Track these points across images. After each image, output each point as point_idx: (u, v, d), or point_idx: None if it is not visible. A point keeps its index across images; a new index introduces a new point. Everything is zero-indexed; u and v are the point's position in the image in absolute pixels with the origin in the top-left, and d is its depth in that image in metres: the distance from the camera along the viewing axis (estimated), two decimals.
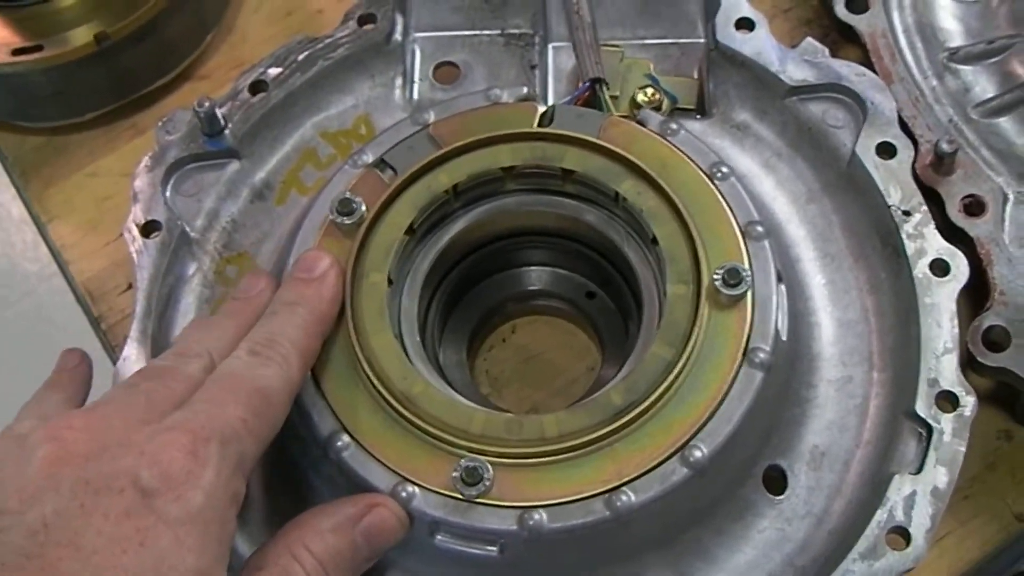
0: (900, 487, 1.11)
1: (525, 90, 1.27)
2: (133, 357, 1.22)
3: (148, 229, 1.28)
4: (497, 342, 1.36)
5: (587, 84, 1.30)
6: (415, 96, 1.38)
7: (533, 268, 1.35)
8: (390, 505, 1.05)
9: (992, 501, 1.27)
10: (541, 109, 1.23)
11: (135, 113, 1.55)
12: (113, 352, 1.38)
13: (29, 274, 1.51)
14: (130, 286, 1.25)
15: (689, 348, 1.09)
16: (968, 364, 1.21)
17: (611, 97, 1.31)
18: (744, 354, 1.10)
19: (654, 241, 1.16)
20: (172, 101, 1.54)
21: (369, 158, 1.21)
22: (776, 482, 1.16)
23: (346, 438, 1.09)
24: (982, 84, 1.37)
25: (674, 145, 1.21)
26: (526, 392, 1.32)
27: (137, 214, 1.28)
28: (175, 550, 0.87)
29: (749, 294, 1.12)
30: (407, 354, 1.16)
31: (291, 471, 1.16)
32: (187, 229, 1.29)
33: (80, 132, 1.55)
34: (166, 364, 1.03)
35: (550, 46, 1.38)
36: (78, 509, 0.87)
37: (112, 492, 0.88)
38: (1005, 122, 1.35)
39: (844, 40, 1.43)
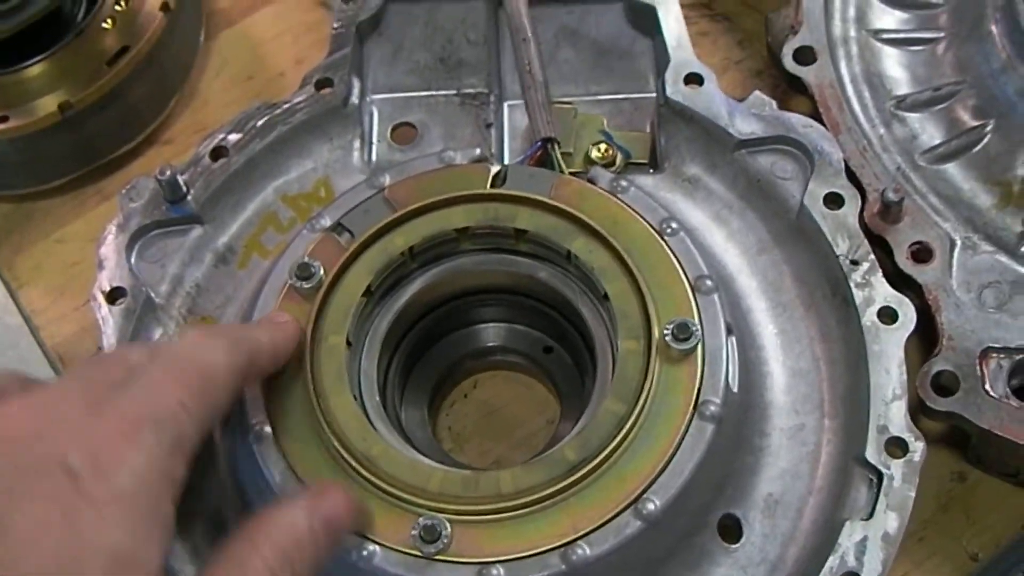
0: (851, 533, 1.13)
1: (478, 151, 1.29)
2: None
3: (113, 296, 1.29)
4: (459, 397, 1.38)
5: (539, 143, 1.32)
6: (373, 158, 1.40)
7: (490, 325, 1.37)
8: (340, 491, 1.05)
9: (946, 542, 1.28)
10: (494, 169, 1.25)
11: (101, 179, 1.57)
12: None
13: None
14: (100, 350, 1.26)
15: (641, 403, 1.11)
16: (919, 408, 1.22)
17: (565, 154, 1.33)
18: (695, 407, 1.12)
19: (605, 297, 1.18)
20: (138, 166, 1.56)
21: (327, 222, 1.23)
22: (731, 530, 1.18)
23: None
24: (929, 131, 1.39)
25: (624, 202, 1.23)
26: (487, 446, 1.34)
27: (102, 281, 1.30)
28: (99, 529, 0.86)
29: (699, 348, 1.14)
30: (367, 415, 1.17)
31: None
32: (152, 295, 1.30)
33: (47, 199, 1.57)
34: (110, 353, 1.04)
35: (505, 104, 1.42)
36: (6, 493, 0.86)
37: (40, 476, 0.87)
38: (952, 168, 1.37)
39: (794, 91, 1.44)
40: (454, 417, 1.37)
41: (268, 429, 1.14)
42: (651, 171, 1.37)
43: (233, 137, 1.38)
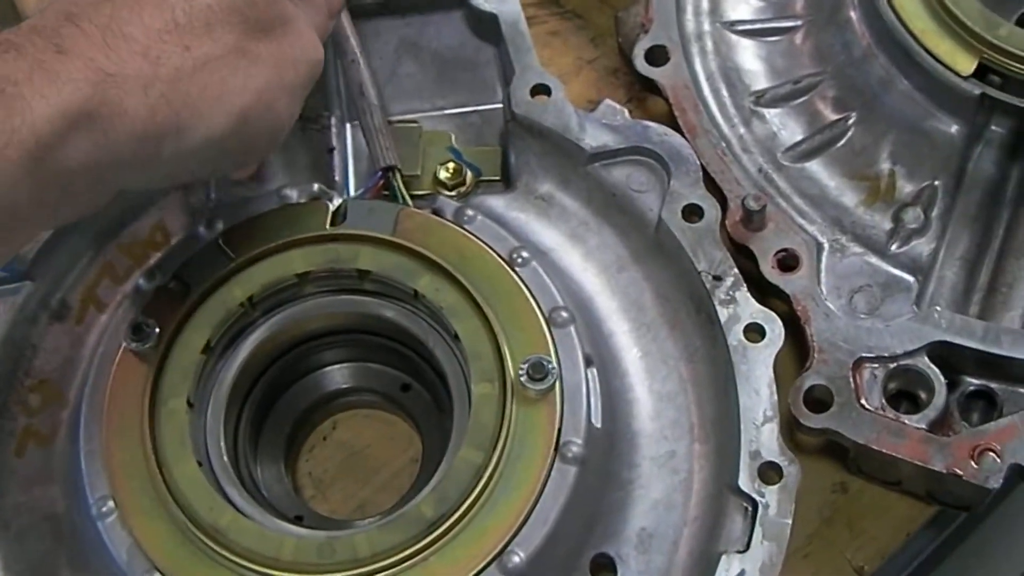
0: (728, 567, 1.08)
1: (316, 187, 1.23)
2: None
3: None
4: (318, 441, 1.32)
5: (379, 174, 1.26)
6: (212, 195, 1.32)
7: (344, 365, 1.32)
8: None
9: (832, 556, 1.25)
10: (333, 206, 1.20)
11: None
12: None
13: None
14: None
15: (498, 450, 1.07)
16: (795, 423, 1.19)
17: (411, 176, 1.29)
18: (556, 450, 1.08)
19: (456, 337, 1.14)
20: None
21: (160, 276, 1.18)
22: (605, 570, 1.14)
23: None
24: (790, 127, 1.35)
25: (471, 233, 1.18)
26: (351, 490, 1.29)
27: None
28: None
29: (557, 386, 1.10)
30: (216, 479, 1.13)
31: None
32: None
33: None
34: None
35: (347, 126, 1.35)
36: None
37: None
38: (815, 165, 1.33)
39: (650, 92, 1.39)
40: (314, 462, 1.31)
41: (112, 504, 1.09)
42: (504, 188, 1.31)
43: None
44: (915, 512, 1.26)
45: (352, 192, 1.31)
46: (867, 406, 1.18)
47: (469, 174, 1.30)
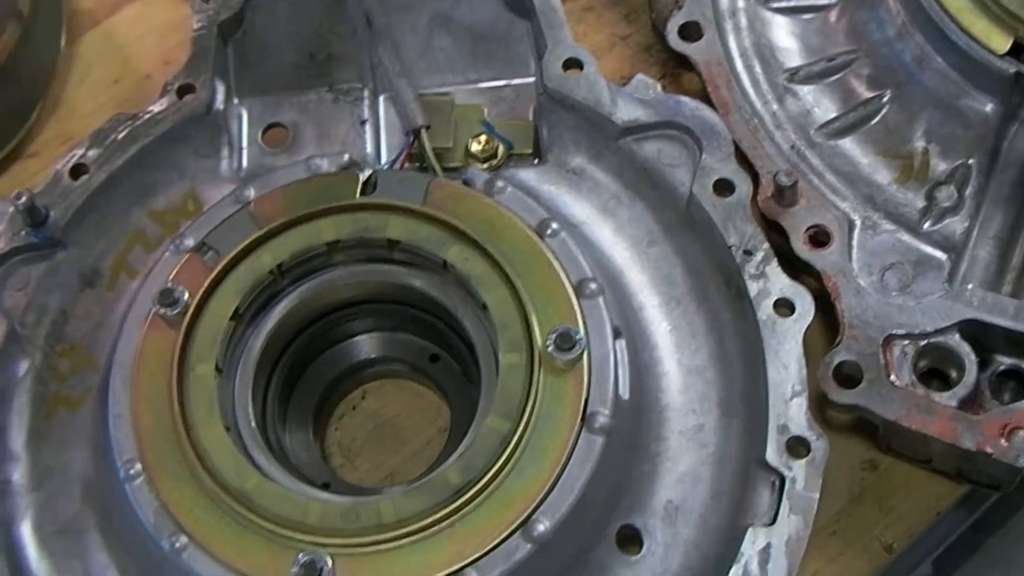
0: (755, 540, 1.08)
1: (346, 157, 1.23)
2: None
3: None
4: (347, 410, 1.32)
5: (409, 137, 1.26)
6: (244, 164, 1.34)
7: (373, 335, 1.33)
8: None
9: (860, 534, 1.24)
10: (363, 176, 1.20)
11: None
12: None
13: None
14: None
15: (525, 419, 1.07)
16: (825, 399, 1.18)
17: (443, 148, 1.29)
18: (583, 419, 1.08)
19: (484, 307, 1.14)
20: (2, 185, 1.49)
21: (191, 242, 1.19)
22: (631, 541, 1.14)
23: (184, 539, 1.06)
24: (824, 105, 1.35)
25: (501, 204, 1.18)
26: (380, 459, 1.29)
27: None
28: None
29: (584, 356, 1.09)
30: (243, 445, 1.13)
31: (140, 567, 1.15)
32: (15, 326, 1.24)
33: None
34: None
35: (380, 99, 1.35)
36: None
37: None
38: (848, 143, 1.32)
39: (683, 67, 1.39)
40: (343, 431, 1.32)
41: (139, 467, 1.09)
42: (535, 162, 1.31)
43: (93, 153, 1.31)
44: (945, 490, 1.26)
45: (384, 163, 1.31)
46: (897, 383, 1.17)
47: (501, 147, 1.30)
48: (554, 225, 1.16)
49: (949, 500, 1.26)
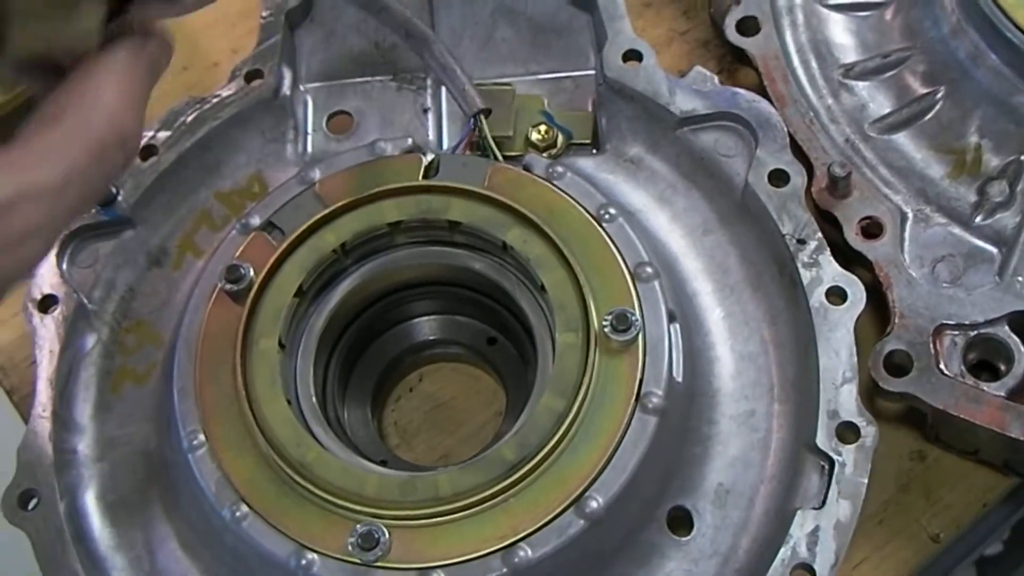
0: (803, 523, 1.10)
1: (410, 141, 1.26)
2: (37, 434, 1.22)
3: (45, 304, 1.27)
4: (404, 392, 1.35)
5: (471, 123, 1.28)
6: (308, 149, 1.37)
7: (431, 317, 1.35)
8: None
9: (907, 524, 1.26)
10: (426, 160, 1.22)
11: None
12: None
13: None
14: (35, 363, 1.24)
15: (580, 398, 1.09)
16: (874, 389, 1.20)
17: (504, 137, 1.30)
18: (637, 400, 1.09)
19: (542, 289, 1.16)
20: None
21: (257, 221, 1.21)
22: (681, 523, 1.16)
23: (244, 508, 1.09)
24: (878, 100, 1.36)
25: (560, 189, 1.20)
26: (436, 440, 1.31)
27: (33, 289, 1.27)
28: None
29: (639, 338, 1.11)
30: (303, 418, 1.16)
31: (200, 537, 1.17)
32: (84, 301, 1.28)
33: None
34: None
35: (443, 88, 1.37)
36: None
37: None
38: (902, 137, 1.34)
39: (740, 63, 1.41)
40: (400, 412, 1.34)
41: (202, 438, 1.12)
42: (593, 152, 1.33)
43: (162, 135, 1.34)
44: (992, 482, 1.27)
45: (446, 148, 1.34)
46: (946, 372, 1.18)
47: (560, 137, 1.32)
48: (612, 210, 1.18)
49: (996, 492, 1.27)
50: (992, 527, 1.32)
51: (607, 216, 1.18)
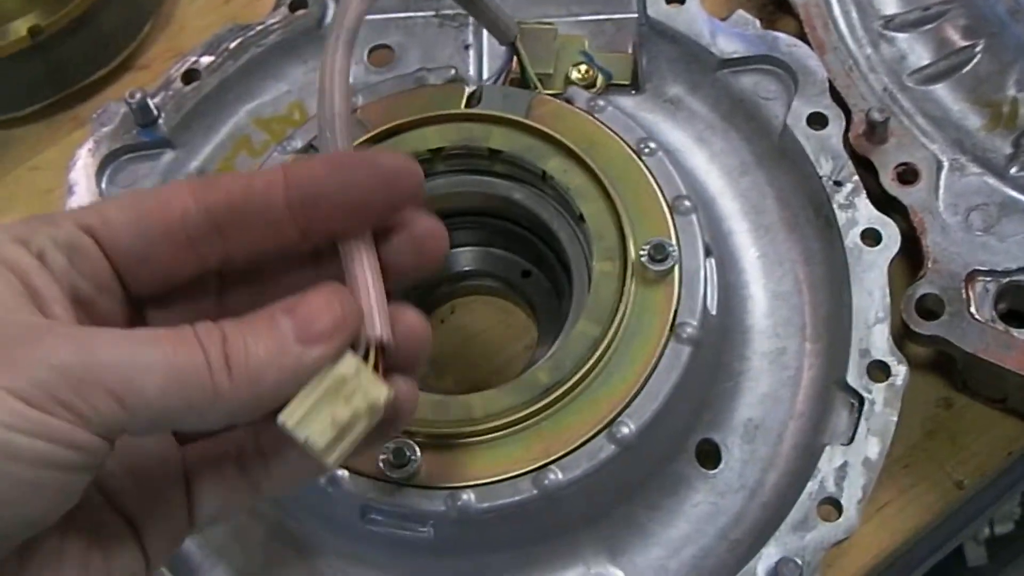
0: (831, 458, 1.11)
1: (453, 71, 1.26)
2: None
3: None
4: (436, 324, 1.35)
5: (510, 53, 1.29)
6: (350, 80, 1.37)
7: (467, 249, 1.34)
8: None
9: (932, 469, 1.26)
10: (468, 90, 1.23)
11: (76, 105, 1.55)
12: None
13: None
14: None
15: (615, 325, 1.09)
16: (904, 333, 1.20)
17: (544, 75, 1.31)
18: (671, 329, 1.10)
19: (581, 218, 1.16)
20: (112, 92, 1.53)
21: (298, 144, 1.21)
22: (709, 456, 1.16)
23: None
24: (917, 52, 1.36)
25: (601, 122, 1.21)
26: (466, 372, 1.32)
27: (72, 207, 1.28)
28: None
29: (676, 269, 1.12)
30: None
31: None
32: None
33: (21, 126, 1.55)
34: None
35: None
36: None
37: None
38: (940, 89, 1.34)
39: (780, 10, 1.42)
40: (432, 343, 1.34)
41: None
42: (632, 92, 1.34)
43: (205, 60, 1.35)
44: (1018, 432, 1.27)
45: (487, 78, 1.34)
46: (977, 317, 1.19)
47: (600, 77, 1.32)
48: (652, 144, 1.19)
49: (1021, 442, 1.27)
50: (1015, 480, 1.33)
51: (647, 150, 1.18)
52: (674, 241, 1.13)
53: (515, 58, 1.29)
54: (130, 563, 0.81)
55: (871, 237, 1.19)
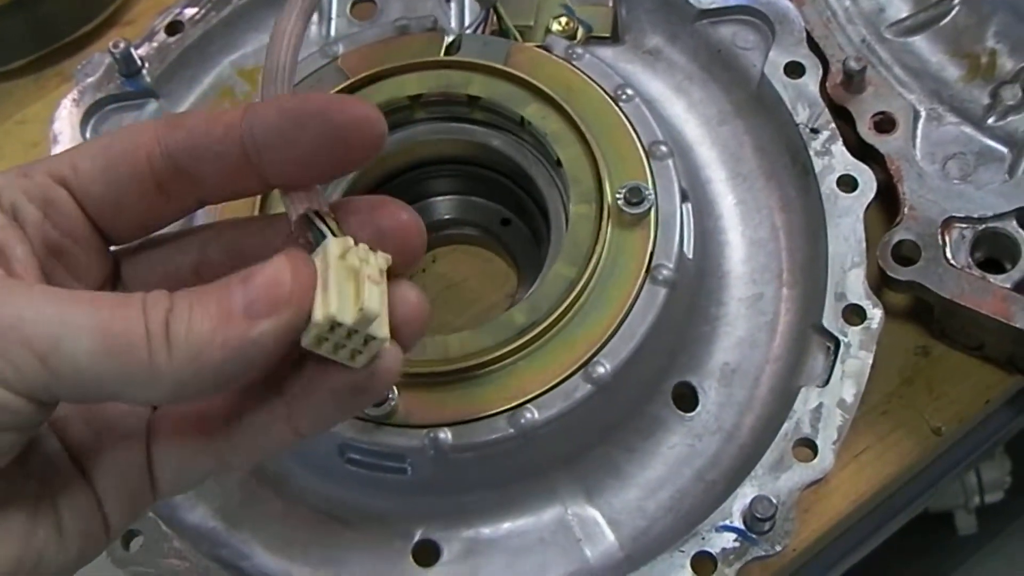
0: (807, 400, 1.12)
1: (433, 20, 1.27)
2: None
3: None
4: (417, 272, 1.35)
5: (484, 11, 1.30)
6: (332, 33, 1.38)
7: (447, 197, 1.35)
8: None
9: (910, 416, 1.26)
10: (448, 38, 1.24)
11: (62, 60, 1.55)
12: None
13: None
14: None
15: (591, 266, 1.10)
16: (882, 281, 1.21)
17: (524, 27, 1.31)
18: (647, 271, 1.11)
19: (558, 163, 1.17)
20: (98, 47, 1.52)
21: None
22: (686, 399, 1.17)
23: None
24: (895, 4, 1.37)
25: (579, 69, 1.21)
26: (447, 319, 1.32)
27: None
28: None
29: (652, 212, 1.13)
30: None
31: None
32: None
33: (7, 81, 1.56)
34: None
35: None
36: None
37: None
38: (919, 41, 1.34)
39: None
40: None
41: None
42: (612, 44, 1.35)
43: (189, 11, 1.36)
44: (995, 380, 1.28)
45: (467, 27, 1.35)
46: (954, 263, 1.20)
47: (580, 29, 1.33)
48: (629, 91, 1.20)
49: (999, 389, 1.28)
50: (997, 428, 1.33)
51: (624, 96, 1.19)
52: (650, 185, 1.14)
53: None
54: (84, 516, 0.77)
55: (847, 183, 1.20)
